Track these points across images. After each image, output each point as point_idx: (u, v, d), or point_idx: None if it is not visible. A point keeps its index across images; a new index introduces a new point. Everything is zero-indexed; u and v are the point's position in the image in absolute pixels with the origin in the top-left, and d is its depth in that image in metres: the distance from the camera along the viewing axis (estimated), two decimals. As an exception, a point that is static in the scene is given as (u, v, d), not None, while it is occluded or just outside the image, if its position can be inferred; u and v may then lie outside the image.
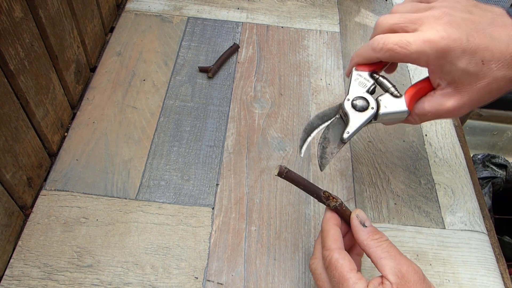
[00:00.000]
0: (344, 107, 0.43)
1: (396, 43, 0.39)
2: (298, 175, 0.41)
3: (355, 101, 0.43)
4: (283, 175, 0.41)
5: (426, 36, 0.38)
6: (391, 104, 0.42)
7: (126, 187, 0.51)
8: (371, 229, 0.38)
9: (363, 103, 0.43)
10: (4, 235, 0.44)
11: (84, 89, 0.62)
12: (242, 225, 0.49)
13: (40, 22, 0.48)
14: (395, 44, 0.39)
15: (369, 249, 0.36)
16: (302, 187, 0.41)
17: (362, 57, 0.44)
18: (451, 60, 0.38)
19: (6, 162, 0.43)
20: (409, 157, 0.58)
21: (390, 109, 0.42)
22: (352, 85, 0.44)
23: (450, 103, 0.40)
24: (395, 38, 0.40)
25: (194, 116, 0.59)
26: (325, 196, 0.40)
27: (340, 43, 0.72)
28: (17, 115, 0.45)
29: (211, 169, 0.54)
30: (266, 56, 0.68)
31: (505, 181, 1.20)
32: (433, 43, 0.38)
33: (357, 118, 0.42)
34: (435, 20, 0.39)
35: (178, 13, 0.74)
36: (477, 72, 0.38)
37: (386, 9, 0.80)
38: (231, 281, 0.45)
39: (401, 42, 0.39)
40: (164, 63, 0.65)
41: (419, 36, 0.39)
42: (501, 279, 0.48)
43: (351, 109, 0.43)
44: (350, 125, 0.42)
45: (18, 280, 0.43)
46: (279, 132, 0.59)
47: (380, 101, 0.43)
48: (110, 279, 0.44)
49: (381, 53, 0.41)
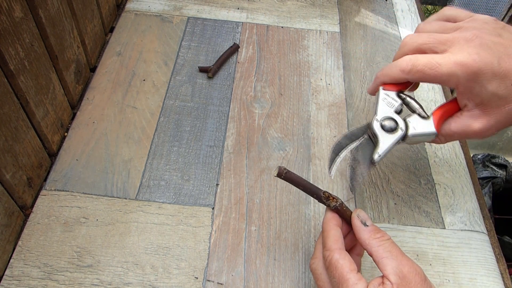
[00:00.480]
0: (373, 127, 0.43)
1: (425, 64, 0.39)
2: (298, 176, 0.41)
3: (384, 121, 0.42)
4: (282, 176, 0.40)
5: (457, 58, 0.38)
6: (420, 125, 0.42)
7: (126, 187, 0.51)
8: (373, 228, 0.38)
9: (392, 124, 0.42)
10: (4, 235, 0.44)
11: (84, 89, 0.62)
12: (242, 225, 0.49)
13: (40, 22, 0.48)
14: (424, 66, 0.39)
15: (371, 248, 0.36)
16: (302, 187, 0.41)
17: (390, 77, 0.43)
18: (481, 83, 0.38)
19: (6, 162, 0.43)
20: (409, 157, 0.58)
21: (419, 131, 0.42)
22: (380, 104, 0.44)
23: (477, 125, 0.40)
24: (424, 59, 0.40)
25: (194, 116, 0.59)
26: (325, 197, 0.40)
27: (340, 43, 0.72)
28: (17, 115, 0.45)
29: (211, 169, 0.54)
30: (266, 56, 0.68)
31: (505, 181, 1.20)
32: (465, 66, 0.38)
33: (387, 139, 0.42)
34: (466, 42, 0.39)
35: (178, 13, 0.74)
36: (507, 95, 0.38)
37: (386, 9, 0.80)
38: (231, 281, 0.45)
39: (431, 63, 0.39)
40: (164, 63, 0.65)
41: (450, 58, 0.38)
42: (501, 279, 0.48)
43: (380, 130, 0.42)
44: (380, 147, 0.42)
45: (18, 280, 0.43)
46: (279, 132, 0.59)
47: (409, 123, 0.42)
48: (110, 279, 0.44)
49: (410, 75, 0.41)
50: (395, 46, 0.73)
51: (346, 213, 0.40)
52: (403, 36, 0.75)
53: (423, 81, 0.41)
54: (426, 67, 0.39)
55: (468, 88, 0.39)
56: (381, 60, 0.70)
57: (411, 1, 0.83)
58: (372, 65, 0.69)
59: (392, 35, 0.75)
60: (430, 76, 0.39)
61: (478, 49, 0.38)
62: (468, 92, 0.39)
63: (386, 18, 0.78)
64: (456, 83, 0.39)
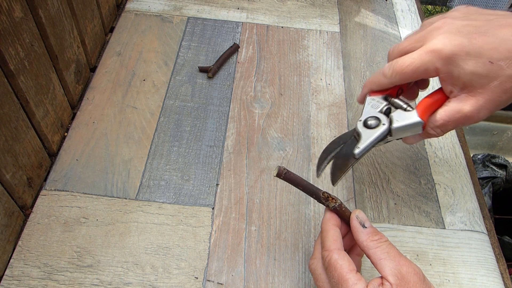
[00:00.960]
0: (357, 126, 0.44)
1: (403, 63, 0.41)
2: (297, 176, 0.41)
3: (367, 121, 0.43)
4: (281, 176, 0.41)
5: (428, 47, 0.39)
6: (402, 117, 0.42)
7: (126, 187, 0.51)
8: (371, 230, 0.38)
9: (374, 121, 0.43)
10: (4, 235, 0.44)
11: (84, 89, 0.62)
12: (242, 225, 0.49)
13: (40, 22, 0.48)
14: (402, 65, 0.41)
15: (369, 250, 0.36)
16: (301, 187, 0.41)
17: (375, 83, 0.45)
18: (458, 65, 0.38)
19: (6, 162, 0.43)
20: (409, 157, 0.58)
21: (403, 123, 0.42)
22: (365, 108, 0.45)
23: (467, 107, 0.40)
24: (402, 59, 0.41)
25: (194, 116, 0.59)
26: (324, 197, 0.40)
27: (340, 43, 0.72)
28: (17, 115, 0.45)
29: (211, 169, 0.54)
30: (266, 56, 0.68)
31: (505, 181, 1.20)
32: (437, 52, 0.38)
33: (369, 134, 0.43)
34: (436, 31, 0.40)
35: (178, 13, 0.74)
36: (487, 72, 0.38)
37: (386, 9, 0.80)
38: (231, 281, 0.45)
39: (408, 61, 0.40)
40: (164, 63, 0.65)
41: (422, 50, 0.40)
42: (501, 279, 0.48)
43: (362, 127, 0.43)
44: (361, 142, 0.42)
45: (18, 280, 0.43)
46: (279, 132, 0.59)
47: (392, 117, 0.43)
48: (110, 279, 0.44)
49: (392, 78, 0.42)
50: (395, 46, 0.73)
51: (345, 213, 0.40)
52: (403, 36, 0.75)
53: (407, 80, 0.42)
54: (404, 66, 0.40)
55: (448, 74, 0.39)
56: (381, 60, 0.70)
57: (411, 1, 0.83)
58: (372, 65, 0.69)
59: (392, 35, 0.75)
60: (410, 73, 0.40)
61: (447, 34, 0.39)
62: (449, 78, 0.40)
63: (386, 18, 0.78)
64: (434, 71, 0.40)
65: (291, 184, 0.41)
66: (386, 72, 0.42)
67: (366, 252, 0.37)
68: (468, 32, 0.38)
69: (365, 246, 0.37)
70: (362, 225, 0.38)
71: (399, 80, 0.42)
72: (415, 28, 0.77)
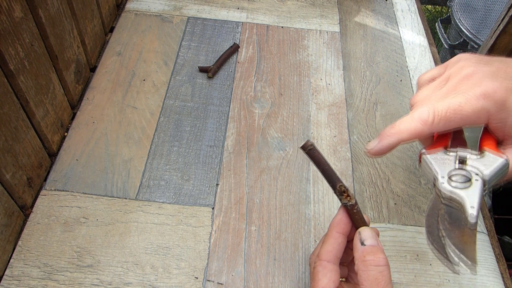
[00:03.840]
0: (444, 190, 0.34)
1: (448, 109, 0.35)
2: (322, 157, 0.37)
3: (453, 180, 0.34)
4: (306, 150, 0.37)
5: (477, 92, 0.34)
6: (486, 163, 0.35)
7: (126, 187, 0.51)
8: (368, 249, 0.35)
9: (461, 177, 0.34)
10: (4, 235, 0.44)
11: (84, 89, 0.62)
12: (242, 225, 0.49)
13: (40, 22, 0.48)
14: (447, 111, 0.35)
15: (357, 269, 0.35)
16: (321, 170, 0.37)
17: (410, 132, 0.37)
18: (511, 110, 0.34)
19: (6, 162, 0.43)
20: (409, 157, 0.58)
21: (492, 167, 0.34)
22: (434, 166, 0.36)
23: None
24: (444, 104, 0.35)
25: (194, 116, 0.59)
26: (340, 190, 0.37)
27: (340, 43, 0.72)
28: (17, 115, 0.45)
29: (211, 169, 0.54)
30: (266, 56, 0.68)
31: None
32: (490, 97, 0.34)
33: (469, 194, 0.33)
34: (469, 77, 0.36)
35: (178, 13, 0.74)
36: None
37: (386, 9, 0.80)
38: (231, 281, 0.45)
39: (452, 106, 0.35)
40: (164, 63, 0.65)
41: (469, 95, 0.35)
42: (501, 279, 0.48)
43: (453, 190, 0.34)
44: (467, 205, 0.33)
45: (18, 280, 0.43)
46: (279, 132, 0.59)
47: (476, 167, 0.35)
48: (110, 279, 0.44)
49: (434, 125, 0.36)
50: (395, 46, 0.73)
51: (355, 216, 0.37)
52: (403, 36, 0.75)
53: (447, 128, 0.36)
54: (449, 112, 0.35)
55: (502, 121, 0.35)
56: (381, 60, 0.70)
57: (411, 1, 0.83)
58: (372, 65, 0.69)
59: (392, 35, 0.75)
60: (456, 120, 0.35)
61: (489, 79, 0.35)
62: (503, 126, 0.35)
63: (386, 18, 0.78)
64: (486, 118, 0.35)
65: (313, 162, 0.38)
66: (426, 118, 0.35)
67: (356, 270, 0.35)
68: (507, 77, 0.35)
69: (356, 264, 0.35)
70: (361, 242, 0.35)
71: (441, 128, 0.36)
72: (415, 28, 0.77)
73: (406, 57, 0.71)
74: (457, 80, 0.37)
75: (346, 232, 0.37)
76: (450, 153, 0.37)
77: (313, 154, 0.37)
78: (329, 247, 0.36)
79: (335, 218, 0.38)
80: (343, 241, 0.37)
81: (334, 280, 0.35)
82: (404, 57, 0.71)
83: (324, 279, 0.35)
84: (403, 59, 0.71)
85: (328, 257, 0.36)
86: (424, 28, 0.77)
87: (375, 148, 0.38)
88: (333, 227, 0.37)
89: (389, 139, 0.38)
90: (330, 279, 0.35)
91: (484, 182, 0.34)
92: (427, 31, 0.77)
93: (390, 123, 0.39)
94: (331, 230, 0.37)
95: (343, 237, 0.37)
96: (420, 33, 0.76)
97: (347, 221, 0.37)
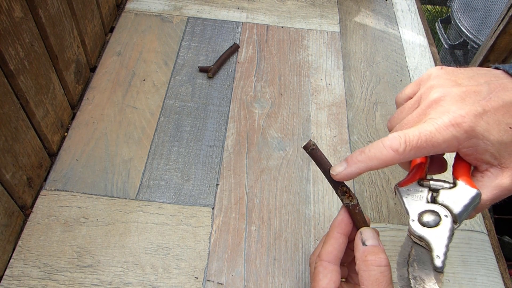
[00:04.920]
0: (414, 230, 0.34)
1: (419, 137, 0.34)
2: (324, 157, 0.37)
3: (423, 218, 0.35)
4: (308, 150, 0.37)
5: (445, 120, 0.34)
6: (456, 197, 0.35)
7: (126, 187, 0.51)
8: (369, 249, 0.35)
9: (433, 217, 0.34)
10: (4, 235, 0.44)
11: (84, 89, 0.62)
12: (242, 225, 0.49)
13: (40, 22, 0.48)
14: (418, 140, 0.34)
15: (358, 269, 0.35)
16: (323, 170, 0.37)
17: (380, 160, 0.35)
18: (482, 136, 0.34)
19: (6, 162, 0.43)
20: (409, 157, 0.58)
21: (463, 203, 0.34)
22: (407, 202, 0.36)
23: (506, 181, 0.35)
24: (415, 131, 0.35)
25: (194, 116, 0.59)
26: (342, 191, 0.37)
27: (340, 43, 0.72)
28: (17, 115, 0.45)
29: (211, 169, 0.54)
30: (266, 56, 0.68)
31: (505, 181, 1.20)
32: (459, 126, 0.34)
33: (437, 234, 0.34)
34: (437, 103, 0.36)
35: (178, 13, 0.74)
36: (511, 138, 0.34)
37: (386, 9, 0.80)
38: (231, 281, 0.45)
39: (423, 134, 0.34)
40: (164, 63, 0.65)
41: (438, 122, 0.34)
42: (501, 279, 0.48)
43: (422, 229, 0.34)
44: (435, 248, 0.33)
45: (18, 280, 0.43)
46: (279, 132, 0.59)
47: (445, 202, 0.35)
48: (110, 279, 0.44)
49: (404, 154, 0.35)
50: (395, 46, 0.73)
51: (356, 216, 0.37)
52: (403, 36, 0.75)
53: (419, 156, 0.36)
54: (421, 141, 0.34)
55: (473, 148, 0.35)
56: (381, 60, 0.70)
57: (411, 1, 0.83)
58: (372, 65, 0.69)
59: (392, 35, 0.75)
60: (427, 148, 0.34)
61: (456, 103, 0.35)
62: (474, 152, 0.35)
63: (386, 18, 0.78)
64: (457, 145, 0.35)
65: (315, 162, 0.38)
66: (397, 146, 0.34)
67: (357, 271, 0.35)
68: (475, 100, 0.34)
69: (357, 264, 0.35)
70: (363, 243, 0.35)
71: (413, 156, 0.35)
72: (415, 28, 0.77)
73: (406, 57, 0.71)
74: (427, 105, 0.36)
75: (347, 232, 0.37)
76: (423, 186, 0.37)
77: (315, 154, 0.37)
78: (330, 247, 0.36)
79: (336, 219, 0.38)
80: (344, 241, 0.37)
81: (334, 280, 0.35)
82: (404, 57, 0.71)
83: (325, 279, 0.35)
84: (403, 59, 0.71)
85: (329, 258, 0.36)
86: (424, 28, 0.77)
87: (342, 173, 0.36)
88: (334, 227, 0.37)
89: (358, 165, 0.36)
90: (330, 279, 0.35)
91: (455, 219, 0.34)
92: (427, 31, 0.77)
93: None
94: (332, 230, 0.37)
95: (344, 237, 0.37)
96: (420, 33, 0.76)
97: (349, 221, 0.37)
